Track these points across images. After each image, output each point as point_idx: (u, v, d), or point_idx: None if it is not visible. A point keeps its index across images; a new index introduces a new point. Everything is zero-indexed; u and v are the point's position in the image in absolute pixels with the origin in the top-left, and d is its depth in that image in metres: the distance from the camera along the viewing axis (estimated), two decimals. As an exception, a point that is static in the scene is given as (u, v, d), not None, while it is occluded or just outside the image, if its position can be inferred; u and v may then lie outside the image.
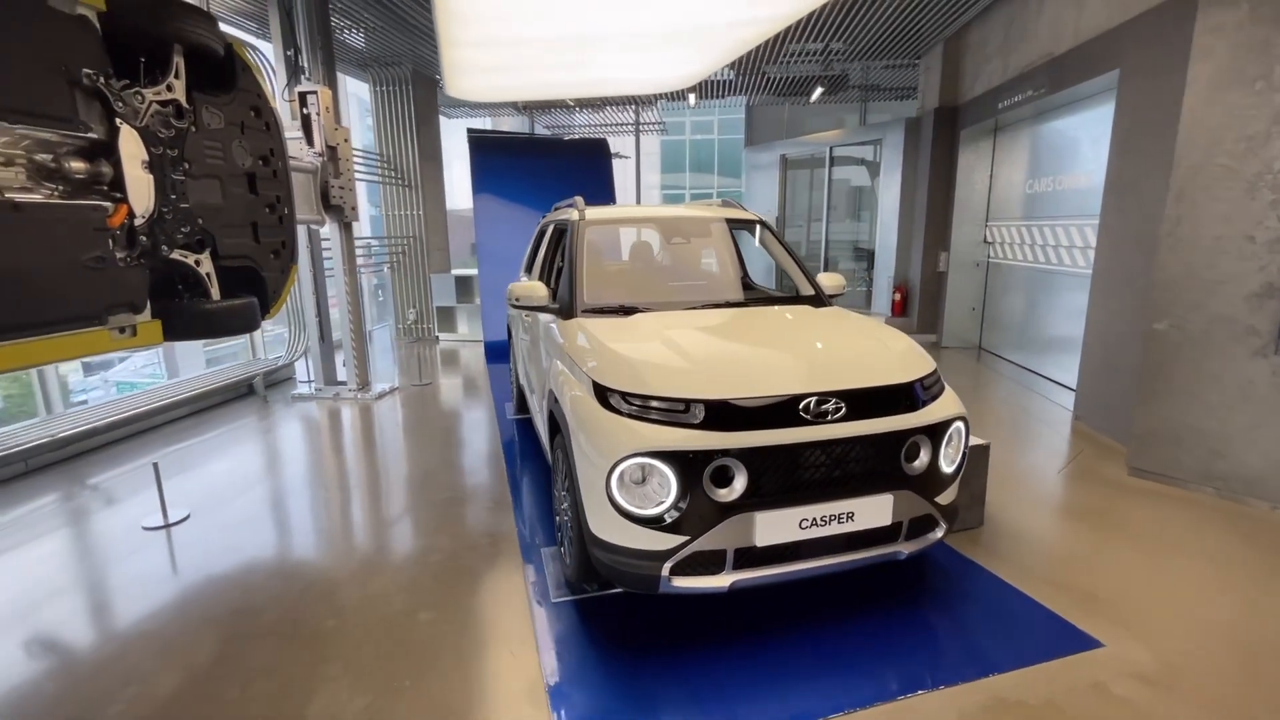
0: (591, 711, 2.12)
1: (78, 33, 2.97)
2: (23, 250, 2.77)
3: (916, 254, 8.27)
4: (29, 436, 4.32)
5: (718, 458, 2.21)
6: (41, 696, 2.25)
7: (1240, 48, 3.34)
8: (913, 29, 7.49)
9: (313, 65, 5.54)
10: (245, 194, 4.02)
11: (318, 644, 2.50)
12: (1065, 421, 5.11)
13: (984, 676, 2.25)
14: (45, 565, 3.18)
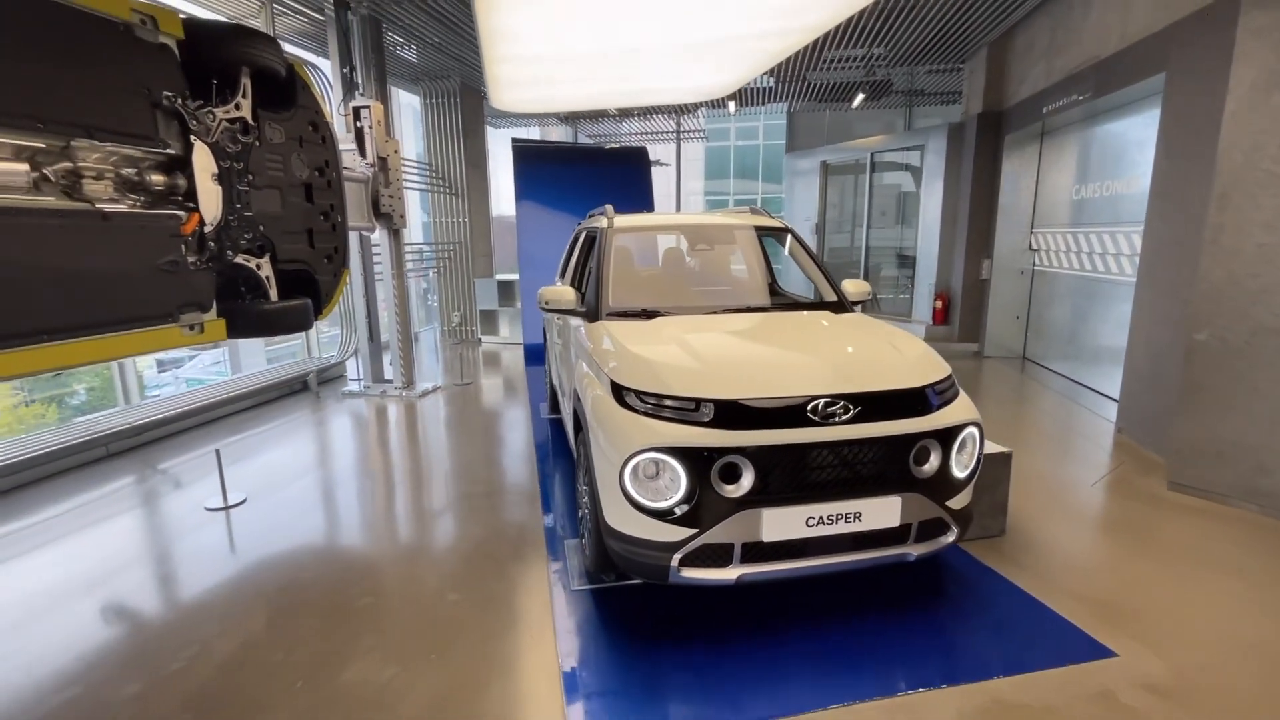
0: (601, 692, 2.24)
1: (160, 59, 3.29)
2: (109, 255, 3.08)
3: (959, 261, 8.12)
4: (110, 424, 4.75)
5: (726, 455, 2.31)
6: (115, 654, 2.53)
7: (1286, 50, 3.24)
8: (956, 33, 7.39)
9: (366, 81, 5.90)
10: (302, 203, 4.33)
11: (355, 619, 2.71)
12: (1108, 434, 4.96)
13: (987, 679, 2.28)
14: (120, 539, 3.51)
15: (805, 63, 8.96)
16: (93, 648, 2.56)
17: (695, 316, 3.25)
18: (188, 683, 2.33)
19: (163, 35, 3.30)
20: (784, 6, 4.28)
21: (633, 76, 6.01)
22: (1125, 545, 3.27)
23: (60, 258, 2.85)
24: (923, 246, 8.74)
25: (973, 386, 6.68)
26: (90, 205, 2.97)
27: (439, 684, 2.30)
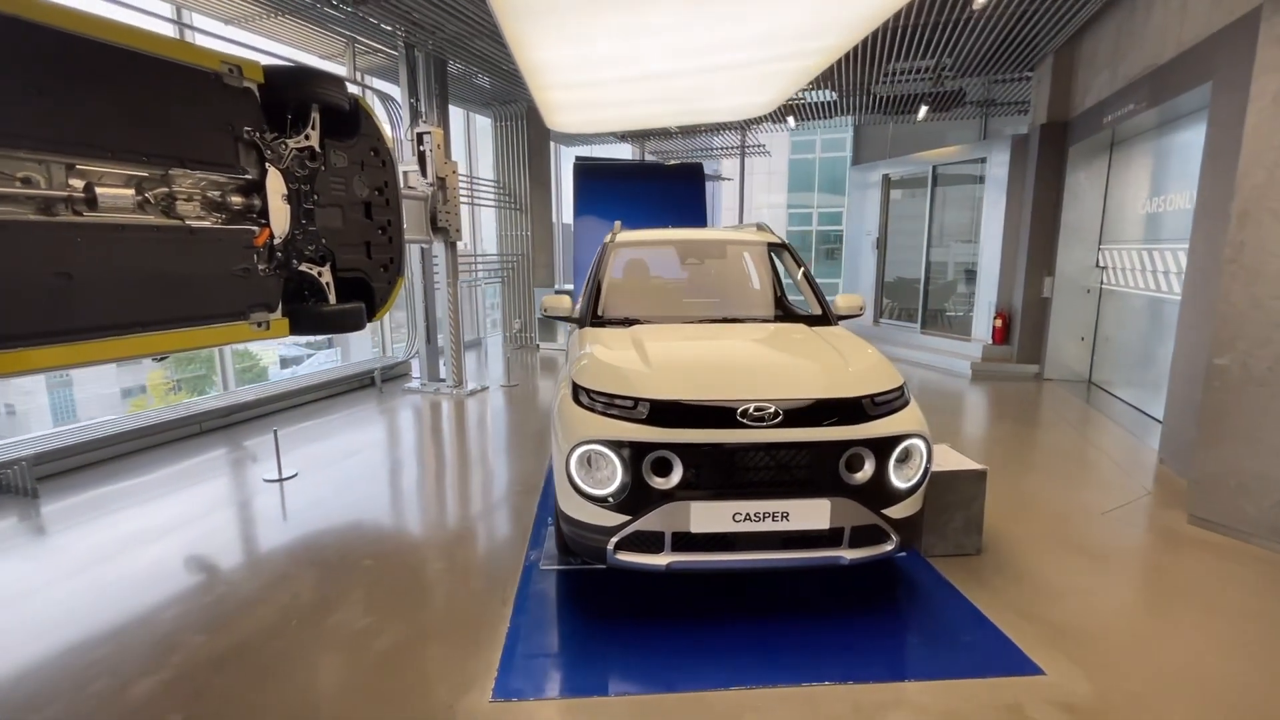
0: (534, 653, 2.53)
1: (243, 101, 3.96)
2: (195, 263, 3.74)
3: (1019, 278, 7.75)
4: (205, 406, 5.60)
5: (657, 450, 2.54)
6: (174, 586, 3.10)
7: (1310, 59, 3.04)
8: (1019, 41, 7.11)
9: (429, 110, 6.58)
10: (361, 219, 4.95)
11: (354, 576, 3.15)
12: (1149, 466, 4.65)
13: (898, 680, 2.35)
14: (194, 499, 4.20)
15: (868, 76, 8.90)
16: (162, 580, 3.15)
17: (671, 325, 3.48)
18: (214, 611, 2.84)
19: (246, 80, 3.96)
20: (799, 31, 4.43)
21: (671, 99, 6.31)
22: (1110, 575, 3.14)
23: (155, 264, 3.51)
24: (984, 263, 8.39)
25: (1022, 410, 6.39)
26: (181, 222, 3.63)
27: (402, 632, 2.67)
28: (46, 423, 16.42)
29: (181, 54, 3.61)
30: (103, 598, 2.98)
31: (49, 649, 2.60)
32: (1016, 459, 4.94)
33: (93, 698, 2.30)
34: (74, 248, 3.14)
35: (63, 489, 4.26)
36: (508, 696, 2.27)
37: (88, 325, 3.23)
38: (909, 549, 2.94)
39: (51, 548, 3.51)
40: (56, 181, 3.11)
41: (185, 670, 2.44)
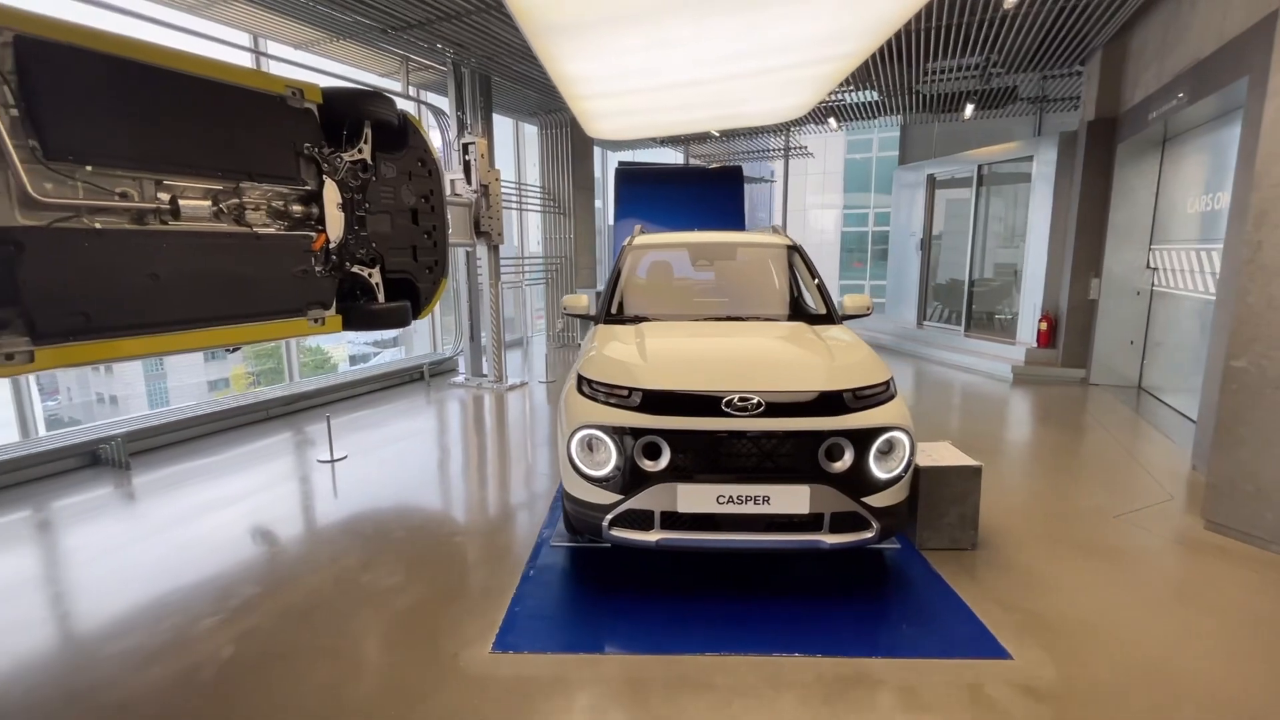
0: (533, 614, 2.81)
1: (304, 121, 4.42)
2: (261, 265, 4.21)
3: (1066, 279, 7.52)
4: (271, 395, 6.19)
5: (647, 435, 2.77)
6: (234, 549, 3.56)
7: (1327, 55, 2.97)
8: (1065, 35, 6.93)
9: (473, 121, 7.01)
10: (409, 224, 5.39)
11: (387, 544, 3.52)
12: (1181, 472, 4.52)
13: (864, 657, 2.50)
14: (254, 476, 4.71)
15: (910, 75, 8.82)
16: (227, 542, 3.61)
17: (678, 323, 3.70)
18: (266, 568, 3.26)
19: (307, 102, 4.43)
20: (817, 38, 4.55)
21: (702, 105, 6.50)
22: (1105, 574, 3.15)
23: (227, 267, 4.00)
24: (1029, 264, 8.17)
25: (1059, 415, 6.25)
26: (249, 229, 4.12)
27: (422, 592, 3.01)
28: (144, 408, 18.02)
29: (252, 81, 4.10)
30: (177, 554, 3.46)
31: (131, 593, 3.07)
32: (1040, 461, 4.89)
33: (165, 630, 2.73)
34: (160, 252, 3.64)
35: (151, 463, 4.86)
36: (505, 649, 2.56)
37: (170, 319, 3.73)
38: (891, 538, 3.06)
39: (138, 513, 4.06)
40: (147, 195, 3.62)
41: (239, 614, 2.84)
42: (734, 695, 2.28)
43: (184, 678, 2.42)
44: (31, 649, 2.64)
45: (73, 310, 3.27)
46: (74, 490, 4.36)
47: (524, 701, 2.26)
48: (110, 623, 2.82)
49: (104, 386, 23.77)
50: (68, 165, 3.25)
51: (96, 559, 3.44)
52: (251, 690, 2.35)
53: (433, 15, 5.69)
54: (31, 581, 3.22)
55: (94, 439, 4.77)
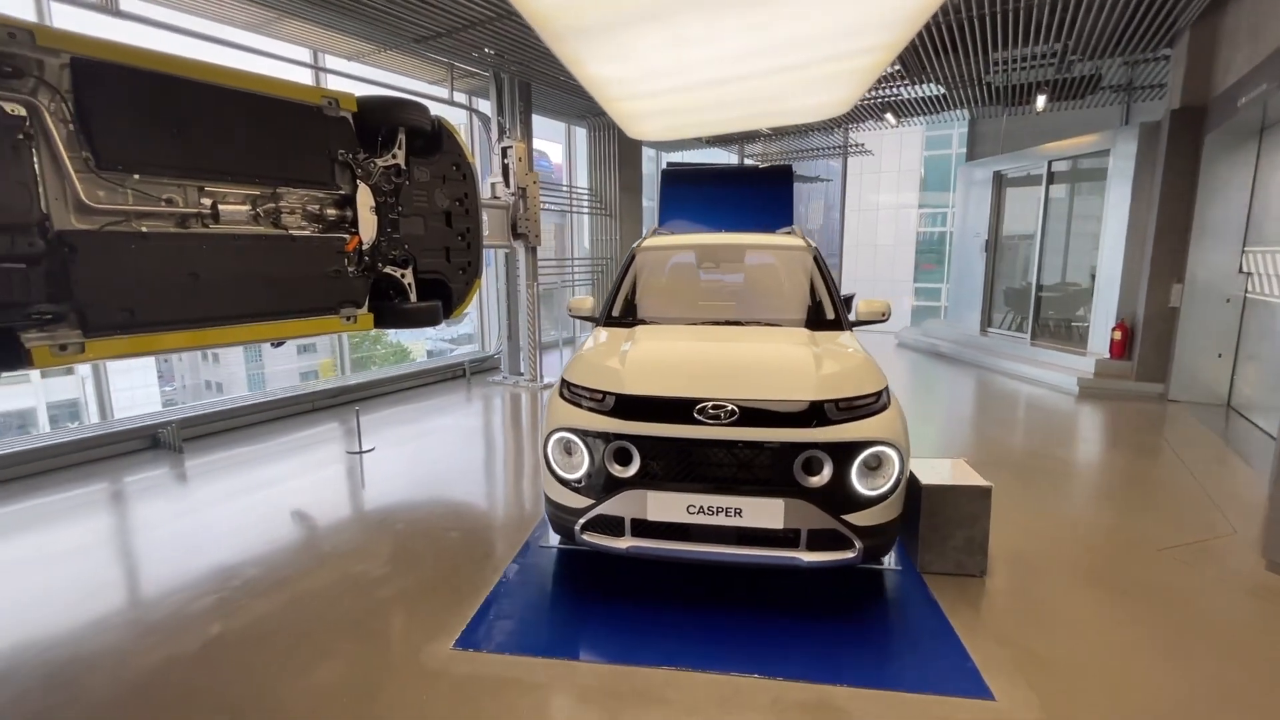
0: (506, 614, 2.83)
1: (339, 129, 4.65)
2: (295, 265, 4.45)
3: (1143, 285, 6.84)
4: (318, 387, 6.57)
5: (618, 440, 2.73)
6: (271, 526, 3.79)
7: None
8: (1148, 16, 6.29)
9: (512, 126, 7.17)
10: (442, 227, 5.56)
11: (386, 535, 3.65)
12: (1255, 504, 4.01)
13: (830, 684, 2.35)
14: (294, 465, 5.00)
15: (977, 66, 8.29)
16: (245, 526, 3.86)
17: (674, 326, 3.63)
18: (268, 551, 3.46)
19: (342, 110, 4.65)
20: (835, 31, 4.35)
21: (736, 103, 6.35)
22: (1129, 613, 2.83)
23: (263, 267, 4.25)
24: (1104, 267, 7.48)
25: (1126, 434, 5.69)
26: (285, 231, 4.37)
27: (405, 584, 3.09)
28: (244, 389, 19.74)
29: (289, 92, 4.35)
30: (209, 531, 3.73)
31: (175, 561, 3.34)
32: (1088, 484, 4.46)
33: (167, 605, 2.94)
34: (200, 253, 3.92)
35: (202, 448, 5.27)
36: (465, 647, 2.59)
37: (209, 315, 4.01)
38: (882, 558, 2.87)
39: (186, 492, 4.40)
40: (190, 201, 3.91)
41: (234, 594, 3.03)
42: (686, 712, 2.21)
43: (169, 659, 2.60)
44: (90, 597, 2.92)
45: (120, 306, 3.57)
46: (136, 468, 4.78)
47: (468, 701, 2.27)
48: (150, 584, 3.07)
49: (211, 374, 26.19)
50: (118, 174, 3.55)
51: (146, 530, 3.76)
52: (230, 670, 2.49)
53: (455, 25, 5.88)
54: (97, 544, 3.56)
55: (154, 424, 5.22)
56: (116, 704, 2.29)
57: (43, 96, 3.27)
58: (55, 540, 3.64)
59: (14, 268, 3.19)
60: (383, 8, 5.57)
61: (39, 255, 3.25)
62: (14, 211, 3.17)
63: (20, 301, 3.22)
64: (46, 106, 3.26)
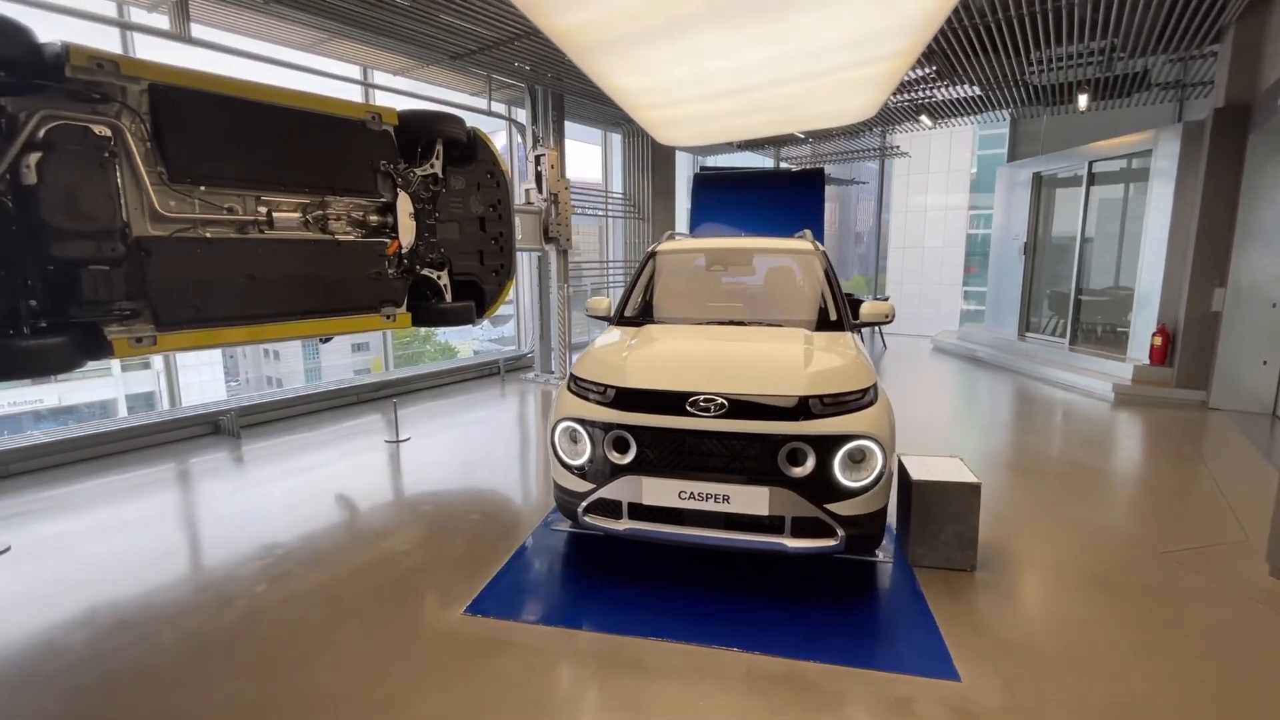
0: (513, 585, 3.09)
1: (382, 141, 5.03)
2: (340, 268, 4.84)
3: (1184, 289, 6.63)
4: (362, 382, 7.04)
5: (617, 429, 2.96)
6: (314, 503, 4.18)
7: None
8: (1190, 11, 6.12)
9: (545, 135, 7.49)
10: (477, 231, 5.92)
11: (413, 515, 3.98)
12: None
13: (803, 659, 2.51)
14: (337, 451, 5.42)
15: (1016, 66, 8.16)
16: (292, 505, 4.26)
17: (681, 326, 3.83)
18: (309, 528, 3.82)
19: (385, 124, 5.04)
20: (848, 41, 4.46)
21: (760, 110, 6.49)
22: (1114, 612, 2.87)
23: (311, 269, 4.65)
24: (1145, 270, 7.27)
25: (1158, 441, 5.57)
26: (331, 236, 4.77)
27: (426, 558, 3.40)
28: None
29: (336, 109, 4.75)
30: (258, 508, 4.14)
31: (227, 532, 3.75)
32: (1103, 488, 4.42)
33: (224, 569, 3.32)
34: (256, 257, 4.34)
35: (258, 435, 5.76)
36: (475, 613, 2.86)
37: (264, 312, 4.43)
38: (863, 549, 3.00)
39: (242, 473, 4.86)
40: (248, 209, 4.34)
41: (278, 561, 3.39)
42: (658, 677, 2.41)
43: (217, 613, 2.96)
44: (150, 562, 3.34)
45: (188, 304, 4.01)
46: (199, 451, 5.29)
47: (471, 659, 2.54)
48: (205, 554, 3.48)
49: (272, 371, 27.84)
50: (187, 186, 4.00)
51: (204, 507, 4.21)
52: (270, 623, 2.83)
53: (485, 44, 6.24)
54: (161, 516, 4.01)
55: (215, 411, 5.74)
56: (172, 649, 2.65)
57: (125, 119, 3.72)
58: (127, 511, 4.11)
59: (99, 269, 3.65)
60: (417, 30, 5.97)
61: (120, 259, 3.70)
62: (101, 220, 3.63)
63: (105, 299, 3.67)
64: (128, 127, 3.71)
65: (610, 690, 2.37)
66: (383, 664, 2.51)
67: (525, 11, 4.22)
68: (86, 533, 3.78)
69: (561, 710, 2.25)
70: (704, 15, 4.10)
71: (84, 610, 2.93)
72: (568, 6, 4.01)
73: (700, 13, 4.07)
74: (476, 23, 5.87)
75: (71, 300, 3.52)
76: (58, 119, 3.44)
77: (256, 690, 2.37)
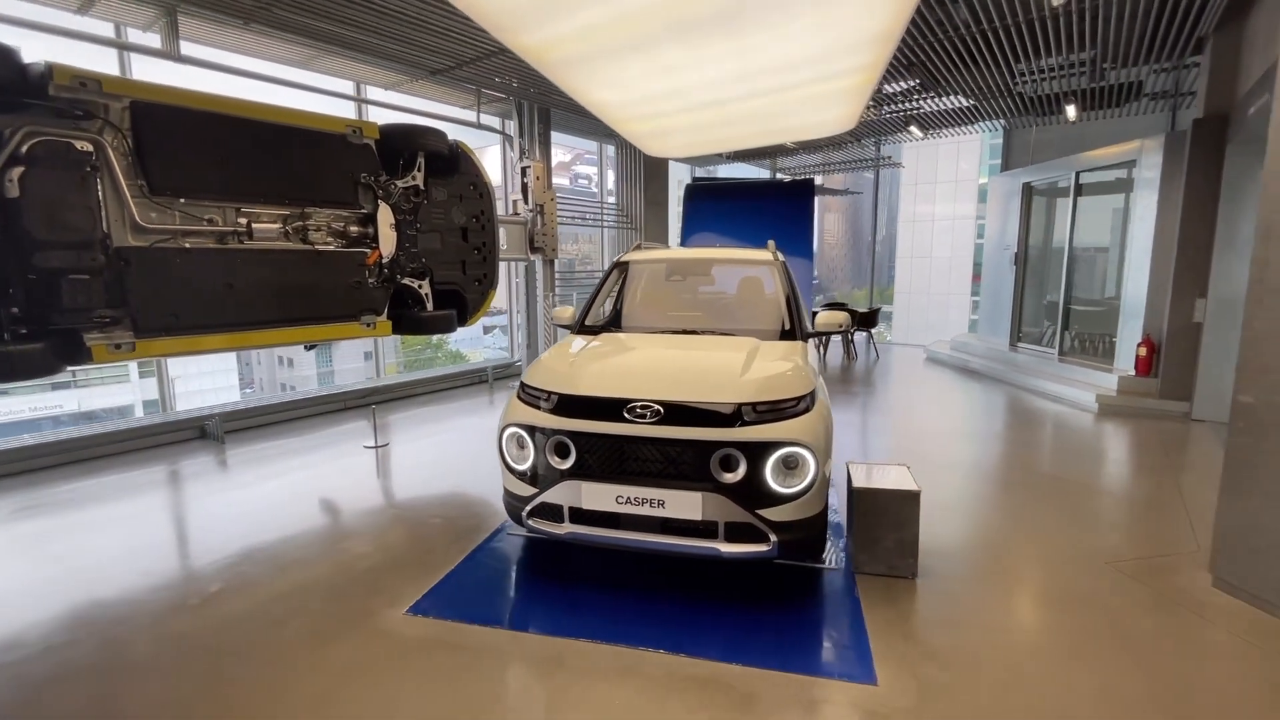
0: (460, 584, 3.17)
1: (363, 153, 5.17)
2: (320, 277, 4.97)
3: (1167, 300, 6.59)
4: (349, 388, 7.18)
5: (557, 435, 3.04)
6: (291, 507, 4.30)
7: (1338, 44, 2.56)
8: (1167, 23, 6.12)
9: (531, 147, 7.64)
10: (459, 241, 6.04)
11: (376, 519, 4.08)
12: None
13: (726, 661, 2.56)
14: (318, 456, 5.54)
15: (1003, 77, 8.19)
16: (265, 509, 4.38)
17: (635, 335, 3.91)
18: (277, 528, 3.93)
19: (365, 138, 5.18)
20: (812, 56, 4.55)
21: (738, 121, 6.57)
22: (1050, 622, 2.89)
23: (291, 278, 4.79)
24: (1129, 281, 7.23)
25: (1135, 453, 5.54)
26: (311, 247, 4.91)
27: (381, 559, 3.49)
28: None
29: (316, 123, 4.91)
30: (229, 510, 4.26)
31: (194, 531, 3.87)
32: (1066, 500, 4.40)
33: (196, 563, 3.44)
34: (236, 266, 4.49)
35: (242, 439, 5.91)
36: (417, 613, 2.94)
37: (243, 320, 4.57)
38: (800, 553, 3.04)
39: (225, 476, 5.00)
40: (228, 220, 4.49)
41: (240, 559, 3.50)
42: (581, 678, 2.48)
43: (174, 608, 3.07)
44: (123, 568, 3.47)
45: (166, 311, 4.15)
46: (181, 456, 5.44)
47: (403, 655, 2.62)
48: (188, 550, 3.60)
49: (286, 377, 28.34)
50: (167, 199, 4.16)
51: (188, 506, 4.34)
52: (218, 620, 2.93)
53: (463, 59, 6.41)
54: (133, 517, 4.15)
55: (201, 416, 5.90)
56: (119, 643, 2.76)
57: (107, 134, 3.88)
58: (102, 513, 4.25)
59: (80, 278, 3.80)
60: (392, 47, 6.17)
61: (100, 268, 3.86)
62: (82, 231, 3.79)
63: (85, 307, 3.82)
64: (110, 143, 3.88)
65: (530, 691, 2.44)
66: (319, 661, 2.60)
67: (491, 31, 4.36)
68: (58, 531, 3.92)
69: (478, 710, 2.32)
70: (666, 33, 4.21)
71: (45, 607, 3.06)
72: (530, 25, 4.14)
73: (661, 30, 4.18)
74: (449, 40, 6.03)
75: (52, 308, 3.67)
76: (41, 135, 3.61)
77: (193, 684, 2.47)
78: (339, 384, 7.48)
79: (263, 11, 5.43)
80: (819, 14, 3.99)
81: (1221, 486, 3.07)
